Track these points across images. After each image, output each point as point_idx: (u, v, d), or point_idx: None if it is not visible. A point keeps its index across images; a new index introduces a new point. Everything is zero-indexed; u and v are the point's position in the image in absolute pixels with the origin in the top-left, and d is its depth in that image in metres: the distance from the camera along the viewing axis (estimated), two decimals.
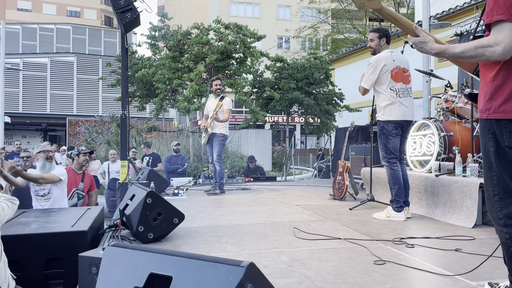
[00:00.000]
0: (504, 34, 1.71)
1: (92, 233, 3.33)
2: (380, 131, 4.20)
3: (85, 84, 23.36)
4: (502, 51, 1.71)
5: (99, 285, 1.54)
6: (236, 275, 1.27)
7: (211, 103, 6.53)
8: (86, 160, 5.66)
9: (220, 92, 6.50)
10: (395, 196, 4.16)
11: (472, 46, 1.76)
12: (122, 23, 6.66)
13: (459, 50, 1.81)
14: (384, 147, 4.18)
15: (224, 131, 6.36)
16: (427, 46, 1.92)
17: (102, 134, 14.18)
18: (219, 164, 6.32)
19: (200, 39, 11.72)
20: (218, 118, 6.24)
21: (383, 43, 4.28)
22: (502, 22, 1.72)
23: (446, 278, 2.42)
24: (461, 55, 1.81)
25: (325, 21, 29.16)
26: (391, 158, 4.16)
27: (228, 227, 3.89)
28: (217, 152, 6.30)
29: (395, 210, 4.17)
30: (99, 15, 44.62)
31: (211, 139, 6.40)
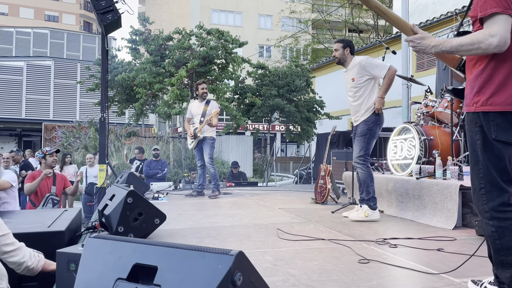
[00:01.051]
0: (498, 26, 1.73)
1: (69, 234, 3.21)
2: (368, 130, 4.22)
3: (63, 89, 22.89)
4: (498, 43, 1.73)
5: (78, 279, 1.47)
6: (225, 263, 1.23)
7: (196, 106, 6.51)
8: (54, 160, 5.50)
9: (206, 96, 6.48)
10: (373, 193, 4.23)
11: (469, 39, 1.78)
12: (103, 24, 6.56)
13: (456, 43, 1.83)
14: (366, 145, 4.23)
15: (213, 134, 6.40)
16: (426, 41, 1.93)
17: (79, 138, 13.89)
18: (212, 166, 6.34)
19: (182, 44, 11.67)
20: (211, 124, 6.24)
21: (347, 53, 4.42)
22: (496, 14, 1.74)
23: (430, 275, 2.42)
24: (458, 49, 1.82)
25: (305, 31, 29.49)
26: (367, 155, 4.26)
27: (210, 229, 3.82)
28: (209, 155, 6.30)
29: (373, 207, 4.21)
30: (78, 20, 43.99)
31: (200, 143, 6.38)
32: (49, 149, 5.66)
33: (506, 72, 1.82)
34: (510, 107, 1.82)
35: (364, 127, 4.23)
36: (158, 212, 3.29)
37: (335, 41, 4.55)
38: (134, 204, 3.11)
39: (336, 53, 4.45)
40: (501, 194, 1.86)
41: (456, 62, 2.10)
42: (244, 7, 34.19)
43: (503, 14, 1.73)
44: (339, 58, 4.44)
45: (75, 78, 21.83)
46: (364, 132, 4.24)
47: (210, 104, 6.36)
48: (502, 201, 1.86)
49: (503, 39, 1.73)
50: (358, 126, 4.32)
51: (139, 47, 13.10)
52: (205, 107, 6.33)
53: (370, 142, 4.24)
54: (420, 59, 13.89)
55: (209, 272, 1.23)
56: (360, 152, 4.25)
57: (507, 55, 1.82)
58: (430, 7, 14.33)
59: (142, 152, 9.61)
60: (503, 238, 1.84)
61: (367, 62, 4.27)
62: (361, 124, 4.28)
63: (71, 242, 3.26)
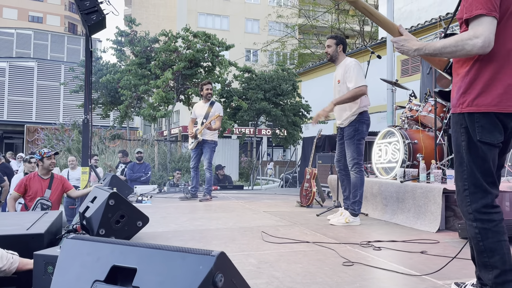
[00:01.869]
0: (483, 28, 1.74)
1: (49, 237, 3.13)
2: (355, 132, 4.19)
3: (46, 91, 22.51)
4: (482, 44, 1.73)
5: (55, 281, 1.42)
6: (206, 264, 1.20)
7: (200, 107, 6.42)
8: (52, 163, 5.26)
9: (210, 97, 6.41)
10: (360, 198, 4.21)
11: (453, 41, 1.78)
12: (87, 25, 6.48)
13: (440, 45, 1.83)
14: (357, 149, 4.19)
15: (215, 138, 6.33)
16: (409, 43, 1.93)
17: (62, 141, 13.67)
18: (209, 171, 6.27)
19: (168, 46, 11.60)
20: (211, 127, 6.17)
21: (339, 50, 4.37)
22: (481, 16, 1.75)
23: (414, 277, 2.42)
24: (441, 51, 1.82)
25: (292, 35, 29.64)
26: (361, 160, 4.22)
27: (194, 231, 3.78)
28: (208, 159, 6.23)
29: (357, 212, 4.19)
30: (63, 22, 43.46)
31: (200, 146, 6.31)
32: (47, 150, 5.36)
33: (492, 73, 1.83)
34: (495, 108, 1.82)
35: (350, 129, 4.22)
36: (141, 214, 3.24)
37: (328, 37, 4.47)
38: (116, 207, 3.05)
39: (329, 49, 4.37)
40: (485, 196, 1.87)
41: (443, 64, 2.12)
42: (231, 11, 34.23)
43: (488, 16, 1.74)
44: (331, 55, 4.37)
45: (58, 80, 21.48)
46: (351, 135, 4.20)
47: (214, 106, 6.29)
48: (486, 203, 1.86)
49: (488, 41, 1.74)
50: (345, 130, 4.30)
51: (125, 48, 12.98)
52: (208, 108, 6.26)
53: (360, 144, 4.20)
54: (405, 64, 14.07)
55: (190, 273, 1.21)
56: (354, 159, 4.18)
57: (493, 57, 1.83)
58: (415, 14, 14.55)
59: (126, 155, 9.48)
60: (486, 240, 1.84)
61: (350, 69, 4.18)
62: (347, 128, 4.26)
63: (50, 245, 3.17)
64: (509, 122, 1.87)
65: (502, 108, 1.82)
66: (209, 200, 6.24)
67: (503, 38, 1.82)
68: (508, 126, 1.88)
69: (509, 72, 1.83)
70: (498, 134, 1.86)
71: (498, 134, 1.85)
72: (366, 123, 4.24)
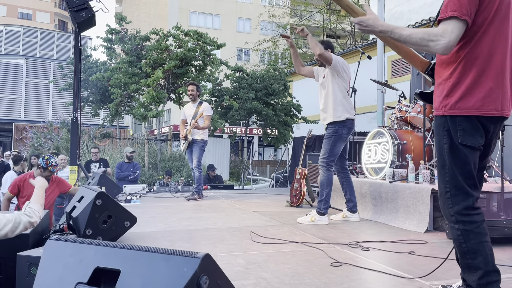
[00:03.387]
0: (451, 30, 1.75)
1: (35, 237, 3.08)
2: (334, 133, 4.23)
3: (35, 88, 22.23)
4: (445, 45, 1.74)
5: (37, 284, 1.40)
6: (190, 266, 1.18)
7: (189, 108, 6.55)
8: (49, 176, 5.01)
9: (192, 98, 6.48)
10: (326, 197, 4.23)
11: (420, 33, 1.78)
12: (76, 22, 6.40)
13: (406, 33, 1.80)
14: (331, 149, 4.22)
15: (204, 137, 6.37)
16: (370, 21, 1.86)
17: (51, 139, 13.52)
18: (198, 169, 6.31)
19: (159, 45, 11.51)
20: (198, 126, 6.24)
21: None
22: (453, 18, 1.76)
23: (401, 278, 2.43)
24: (406, 39, 1.81)
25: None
26: (332, 161, 4.26)
27: (183, 232, 3.75)
28: (197, 158, 6.29)
29: (322, 211, 4.21)
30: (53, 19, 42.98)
31: (191, 145, 6.37)
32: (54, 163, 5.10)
33: (474, 77, 1.84)
34: (476, 111, 1.84)
35: (330, 129, 4.26)
36: (129, 214, 3.21)
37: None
38: (104, 206, 3.02)
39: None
40: (466, 198, 1.88)
41: (425, 66, 2.12)
42: (223, 10, 34.14)
43: (460, 19, 1.76)
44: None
45: (48, 78, 21.26)
46: (329, 135, 4.25)
47: (202, 106, 6.36)
48: (467, 205, 1.88)
49: (451, 44, 1.75)
50: (327, 128, 4.34)
51: (115, 47, 12.86)
52: (197, 108, 6.35)
53: (336, 145, 4.23)
54: (395, 65, 14.15)
55: (174, 275, 1.19)
56: (324, 155, 4.25)
57: (475, 61, 1.84)
58: (405, 15, 14.63)
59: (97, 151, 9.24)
60: (469, 242, 1.86)
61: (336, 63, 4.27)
62: (328, 126, 4.30)
63: (36, 245, 3.12)
64: (490, 126, 1.89)
65: (484, 111, 1.84)
66: (198, 199, 6.24)
67: (485, 43, 1.84)
68: (489, 129, 1.90)
69: (490, 76, 1.84)
70: (480, 137, 1.87)
71: (479, 137, 1.87)
72: (347, 127, 4.26)
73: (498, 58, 1.86)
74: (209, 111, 6.41)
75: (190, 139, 6.30)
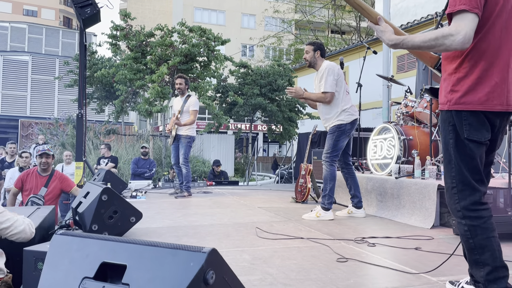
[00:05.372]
0: (465, 23, 1.73)
1: (41, 233, 3.10)
2: (337, 128, 4.24)
3: (40, 85, 22.34)
4: (462, 39, 1.72)
5: (43, 279, 1.40)
6: (197, 261, 1.18)
7: (177, 102, 6.32)
8: (43, 163, 5.01)
9: (180, 92, 6.25)
10: (329, 191, 4.24)
11: (433, 35, 1.76)
12: (81, 18, 6.42)
13: (419, 40, 1.80)
14: (334, 144, 4.23)
15: (190, 133, 6.11)
16: (384, 36, 1.92)
17: (56, 136, 13.58)
18: (185, 166, 6.10)
19: (164, 41, 11.51)
20: (179, 123, 6.00)
21: (317, 56, 4.42)
22: (464, 12, 1.74)
23: (408, 274, 2.41)
24: (420, 46, 1.80)
25: (288, 31, 29.56)
26: (335, 156, 4.27)
27: (188, 227, 3.76)
28: (183, 155, 6.08)
29: (327, 206, 4.22)
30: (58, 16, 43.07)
31: (176, 141, 6.18)
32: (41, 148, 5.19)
33: (480, 71, 1.82)
34: (482, 106, 1.82)
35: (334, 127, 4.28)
36: (134, 210, 3.21)
37: (306, 43, 4.53)
38: (109, 202, 3.03)
39: (307, 56, 4.43)
40: (473, 193, 1.86)
41: (434, 61, 2.10)
42: (228, 6, 34.06)
43: (471, 12, 1.73)
44: (310, 61, 4.43)
45: (53, 74, 21.32)
46: (333, 130, 4.26)
47: (189, 100, 6.12)
48: (474, 200, 1.86)
49: (468, 37, 1.72)
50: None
51: (120, 43, 12.87)
52: (183, 103, 6.15)
53: (340, 140, 4.24)
54: (401, 60, 14.07)
55: (180, 270, 1.19)
56: (327, 150, 4.27)
57: (481, 55, 1.82)
58: (411, 10, 14.52)
59: (109, 149, 9.34)
60: (476, 237, 1.84)
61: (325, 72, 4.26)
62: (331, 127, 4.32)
63: (42, 240, 3.14)
64: (496, 120, 1.87)
65: (489, 106, 1.82)
66: (187, 196, 6.06)
67: (491, 38, 1.82)
68: (495, 124, 1.88)
69: (496, 71, 1.82)
70: (486, 132, 1.86)
71: (485, 132, 1.85)
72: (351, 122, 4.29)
73: (505, 53, 1.84)
74: (195, 106, 6.15)
75: (174, 134, 6.08)
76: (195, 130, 6.29)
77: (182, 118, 6.06)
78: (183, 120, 6.05)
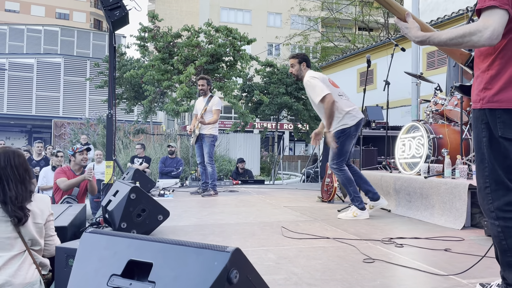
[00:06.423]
0: (493, 19, 1.68)
1: (72, 230, 3.21)
2: (341, 133, 4.16)
3: (72, 86, 23.07)
4: (490, 35, 1.67)
5: (73, 275, 1.45)
6: (221, 260, 1.19)
7: (199, 103, 6.40)
8: (84, 159, 5.32)
9: (203, 93, 6.33)
10: (354, 193, 4.20)
11: (460, 31, 1.72)
12: (111, 21, 6.56)
13: (446, 37, 1.76)
14: (339, 150, 4.14)
15: (213, 132, 6.17)
16: (410, 32, 1.88)
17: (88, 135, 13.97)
18: (211, 165, 6.16)
19: (190, 41, 11.65)
20: (203, 122, 6.06)
21: (303, 67, 4.33)
22: (493, 8, 1.69)
23: (437, 276, 2.36)
24: (447, 42, 1.76)
25: (315, 29, 29.33)
26: (342, 161, 4.20)
27: (214, 226, 3.79)
28: (208, 154, 6.14)
29: (359, 208, 4.18)
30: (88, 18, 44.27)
31: (200, 140, 6.26)
32: (79, 146, 5.47)
33: None
34: None
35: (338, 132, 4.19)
36: (162, 208, 3.27)
37: (290, 57, 4.44)
38: (138, 200, 3.10)
39: (293, 70, 4.34)
40: (507, 193, 1.81)
41: (465, 58, 2.04)
42: (254, 5, 34.11)
43: (500, 8, 1.68)
44: (297, 74, 4.34)
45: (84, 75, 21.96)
46: (337, 135, 4.16)
47: (211, 101, 6.21)
48: (508, 201, 1.80)
49: (496, 33, 1.67)
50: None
51: (148, 44, 13.11)
52: (206, 103, 6.22)
53: (345, 145, 4.16)
54: (431, 57, 13.74)
55: (204, 269, 1.20)
56: (333, 160, 4.20)
57: None
58: (441, 5, 14.15)
59: (144, 149, 9.56)
60: (510, 239, 1.78)
61: (306, 84, 4.19)
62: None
63: (74, 237, 3.25)
64: None
65: None
66: (213, 195, 6.11)
67: None
68: None
69: None
70: None
71: None
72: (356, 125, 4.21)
73: None
74: (218, 105, 6.20)
75: (197, 133, 6.16)
76: (217, 129, 6.37)
77: (206, 117, 6.15)
78: (206, 119, 6.13)
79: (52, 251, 2.40)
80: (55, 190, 5.25)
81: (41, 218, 2.35)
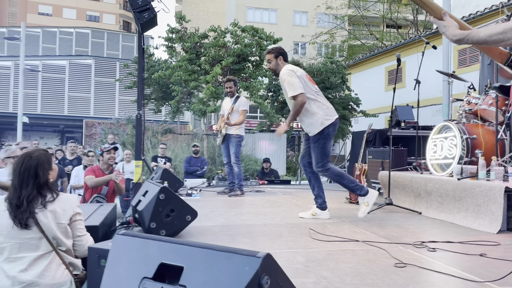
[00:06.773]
0: None
1: (103, 229, 3.27)
2: (320, 134, 4.07)
3: (102, 87, 23.65)
4: None
5: (106, 276, 1.47)
6: (252, 265, 1.18)
7: (226, 103, 6.47)
8: (111, 158, 5.44)
9: (231, 95, 6.37)
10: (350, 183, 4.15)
11: (500, 28, 1.64)
12: (140, 23, 6.68)
13: (484, 34, 1.68)
14: (322, 152, 4.06)
15: (240, 132, 6.21)
16: (448, 31, 1.81)
17: (117, 135, 14.28)
18: (237, 165, 6.20)
19: (217, 42, 11.71)
20: (229, 123, 6.09)
21: (280, 62, 4.24)
22: None
23: (472, 282, 2.28)
24: (486, 40, 1.68)
25: (341, 27, 28.97)
26: (327, 162, 4.10)
27: (241, 226, 3.80)
28: (234, 154, 6.18)
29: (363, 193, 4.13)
30: (118, 20, 45.21)
31: (226, 140, 6.30)
32: (107, 145, 5.59)
33: None
34: None
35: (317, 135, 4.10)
36: (190, 209, 3.29)
37: (265, 52, 4.35)
38: (166, 201, 3.13)
39: (271, 65, 4.27)
40: None
41: (504, 57, 1.96)
42: (279, 4, 34.02)
43: None
44: (275, 69, 4.26)
45: (114, 76, 22.48)
46: (315, 139, 4.09)
47: (238, 101, 6.25)
48: None
49: None
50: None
51: (176, 45, 13.26)
52: (233, 104, 6.27)
53: (326, 146, 4.08)
54: (462, 54, 13.34)
55: (236, 274, 1.19)
56: (317, 164, 4.09)
57: None
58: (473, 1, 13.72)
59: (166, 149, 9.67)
60: None
61: (282, 78, 4.09)
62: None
63: (105, 236, 3.32)
64: None
65: None
66: (240, 195, 6.11)
67: None
68: None
69: None
70: None
71: None
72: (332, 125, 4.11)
73: None
74: (245, 106, 6.24)
75: (224, 133, 6.20)
76: (243, 129, 6.40)
77: (232, 118, 6.17)
78: (233, 120, 6.15)
79: (82, 251, 2.44)
80: (86, 188, 5.38)
81: (63, 218, 2.39)
